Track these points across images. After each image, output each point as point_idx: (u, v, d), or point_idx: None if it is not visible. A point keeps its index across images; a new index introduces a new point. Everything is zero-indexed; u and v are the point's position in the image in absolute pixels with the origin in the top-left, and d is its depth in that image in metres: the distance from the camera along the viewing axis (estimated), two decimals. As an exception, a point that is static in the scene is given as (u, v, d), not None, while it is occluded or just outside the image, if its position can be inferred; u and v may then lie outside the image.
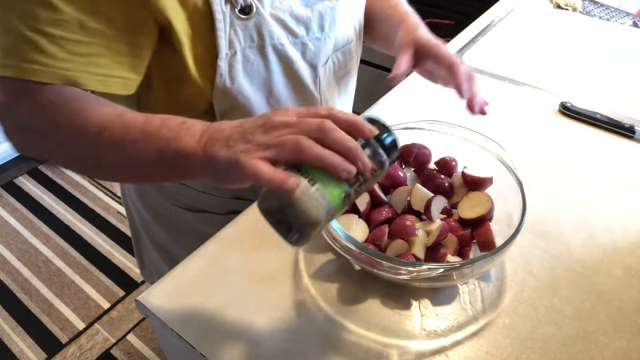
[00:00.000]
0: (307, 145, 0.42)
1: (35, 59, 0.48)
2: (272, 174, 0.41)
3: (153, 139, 0.48)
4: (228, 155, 0.43)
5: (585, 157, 0.82)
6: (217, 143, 0.45)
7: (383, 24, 0.78)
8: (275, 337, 0.55)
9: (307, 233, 0.43)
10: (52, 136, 0.52)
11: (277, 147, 0.42)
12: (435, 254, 0.59)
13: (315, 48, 0.67)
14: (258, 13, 0.59)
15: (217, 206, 0.80)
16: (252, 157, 0.42)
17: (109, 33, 0.51)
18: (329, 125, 0.43)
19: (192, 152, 0.46)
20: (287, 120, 0.44)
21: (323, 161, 0.42)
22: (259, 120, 0.45)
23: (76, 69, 0.50)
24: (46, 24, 0.48)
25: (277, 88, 0.67)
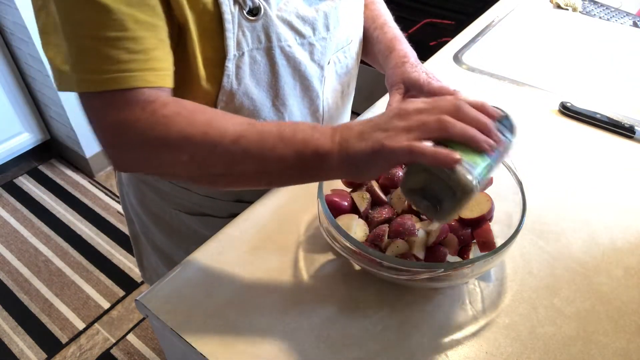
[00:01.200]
0: (451, 121, 0.44)
1: (101, 68, 0.48)
2: (434, 149, 0.43)
3: (290, 142, 0.49)
4: (368, 145, 0.46)
5: (585, 157, 0.82)
6: (350, 139, 0.47)
7: (371, 46, 0.79)
8: (275, 337, 0.56)
9: (462, 203, 0.45)
10: (185, 149, 0.51)
11: (419, 128, 0.45)
12: (435, 254, 0.59)
13: (322, 48, 0.67)
14: (266, 15, 0.59)
15: (218, 209, 0.80)
16: (398, 139, 0.44)
17: (156, 24, 0.51)
18: (463, 104, 0.46)
19: (329, 151, 0.48)
20: (420, 107, 0.46)
21: (468, 135, 0.44)
22: (389, 112, 0.47)
23: (141, 68, 0.50)
24: (101, 29, 0.48)
25: (284, 90, 0.67)
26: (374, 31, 0.78)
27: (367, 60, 0.83)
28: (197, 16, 0.56)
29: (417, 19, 1.78)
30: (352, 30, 0.74)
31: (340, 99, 0.80)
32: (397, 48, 0.73)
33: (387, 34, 0.76)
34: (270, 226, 0.68)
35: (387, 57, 0.73)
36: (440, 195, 0.45)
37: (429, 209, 0.47)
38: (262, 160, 0.50)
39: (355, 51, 0.77)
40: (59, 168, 2.20)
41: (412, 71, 0.69)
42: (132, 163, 0.55)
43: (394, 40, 0.75)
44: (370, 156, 0.46)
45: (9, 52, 1.90)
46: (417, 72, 0.69)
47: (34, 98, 2.04)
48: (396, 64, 0.71)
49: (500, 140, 0.47)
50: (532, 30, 1.18)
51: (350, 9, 0.72)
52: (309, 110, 0.73)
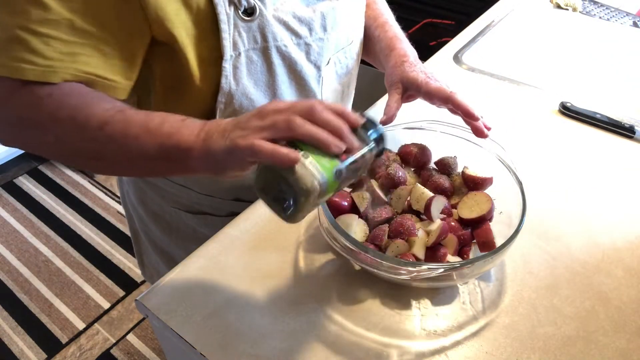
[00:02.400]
0: (299, 122, 0.45)
1: (24, 58, 0.49)
2: (272, 148, 0.43)
3: (154, 134, 0.49)
4: (226, 143, 0.46)
5: (585, 157, 0.82)
6: (214, 135, 0.48)
7: (372, 45, 0.80)
8: (275, 337, 0.55)
9: (302, 204, 0.45)
10: (51, 130, 0.52)
11: (271, 127, 0.45)
12: (435, 254, 0.59)
13: (319, 48, 0.67)
14: (261, 15, 0.59)
15: (217, 208, 0.80)
16: (248, 139, 0.44)
17: (100, 35, 0.52)
18: (317, 107, 0.46)
19: (192, 146, 0.48)
20: (278, 107, 0.47)
21: (314, 136, 0.44)
22: (253, 112, 0.48)
23: (64, 67, 0.50)
24: (37, 23, 0.48)
25: (281, 90, 0.67)
26: (375, 30, 0.78)
27: (368, 60, 0.83)
28: (192, 16, 0.56)
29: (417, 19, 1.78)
30: (352, 31, 0.74)
31: (341, 99, 0.80)
32: (397, 47, 0.74)
33: (388, 32, 0.77)
34: (270, 226, 0.68)
35: (387, 55, 0.74)
36: (286, 195, 0.46)
37: (278, 210, 0.48)
38: (125, 149, 0.51)
39: (356, 52, 0.77)
40: (59, 168, 2.20)
41: (411, 71, 0.69)
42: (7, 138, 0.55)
43: (395, 39, 0.75)
44: (226, 154, 0.46)
45: (9, 52, 1.89)
46: (415, 71, 0.69)
47: (34, 98, 2.04)
48: (395, 63, 0.71)
49: (353, 143, 0.46)
50: (532, 30, 1.18)
51: (351, 10, 0.72)
52: None
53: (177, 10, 0.54)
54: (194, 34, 0.57)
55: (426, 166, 0.69)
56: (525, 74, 1.01)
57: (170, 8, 0.54)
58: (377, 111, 0.90)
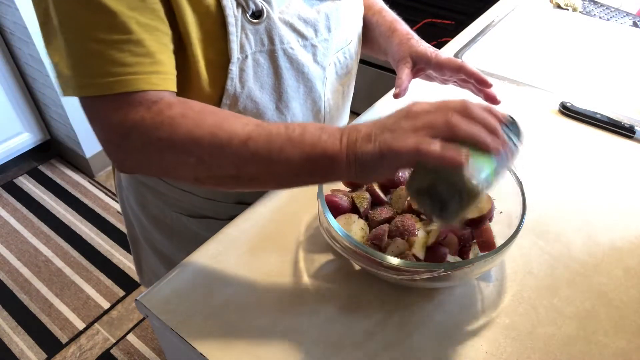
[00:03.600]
0: (459, 121, 0.44)
1: (108, 71, 0.48)
2: (440, 148, 0.42)
3: (298, 144, 0.48)
4: (377, 146, 0.45)
5: (585, 157, 0.82)
6: (358, 141, 0.46)
7: (369, 32, 0.80)
8: (275, 337, 0.55)
9: (468, 205, 0.44)
10: (193, 150, 0.50)
11: (428, 128, 0.44)
12: (435, 254, 0.59)
13: (324, 49, 0.68)
14: (268, 17, 0.59)
15: (219, 212, 0.79)
16: (406, 141, 0.43)
17: (159, 27, 0.51)
18: (471, 104, 0.45)
19: (338, 153, 0.47)
20: (427, 108, 0.46)
21: (475, 135, 0.43)
22: (397, 114, 0.47)
23: (146, 71, 0.49)
24: (106, 31, 0.48)
25: (287, 92, 0.67)
26: (373, 17, 0.79)
27: (365, 49, 0.84)
28: (200, 19, 0.56)
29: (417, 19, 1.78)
30: (351, 30, 0.75)
31: (341, 100, 0.80)
32: (399, 28, 0.75)
33: (386, 17, 0.78)
34: (270, 226, 0.68)
35: (389, 37, 0.75)
36: (446, 197, 0.45)
37: (434, 211, 0.47)
38: (270, 162, 0.49)
39: (355, 51, 0.78)
40: (59, 168, 2.20)
41: (418, 45, 0.71)
42: (137, 164, 0.54)
43: (395, 22, 0.77)
44: (378, 158, 0.45)
45: (9, 52, 1.90)
46: (423, 46, 0.71)
47: (34, 98, 2.04)
48: (401, 41, 0.73)
49: (507, 143, 0.46)
50: (532, 30, 1.18)
51: (350, 10, 0.73)
52: (312, 111, 0.73)
53: (189, 13, 0.54)
54: (202, 37, 0.57)
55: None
56: (525, 74, 1.01)
57: (187, 10, 0.54)
58: (377, 112, 0.90)
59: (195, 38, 0.56)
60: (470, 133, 0.44)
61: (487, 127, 0.45)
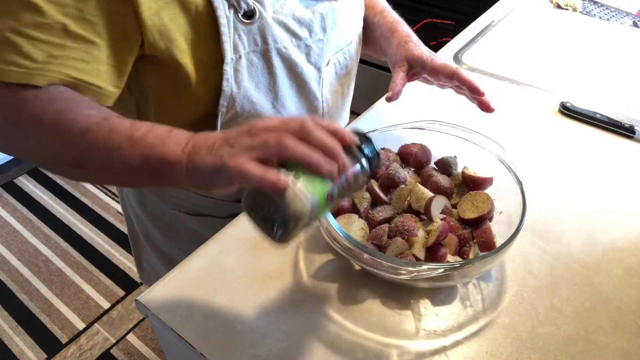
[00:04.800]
0: (290, 142, 0.43)
1: (14, 61, 0.48)
2: (262, 172, 0.42)
3: (138, 145, 0.48)
4: (213, 160, 0.44)
5: (585, 157, 0.82)
6: (201, 150, 0.45)
7: (370, 32, 0.80)
8: (275, 337, 0.55)
9: (291, 228, 0.44)
10: (34, 133, 0.50)
11: (260, 147, 0.43)
12: (435, 254, 0.59)
13: (318, 50, 0.67)
14: (261, 17, 0.59)
15: (217, 209, 0.79)
16: (237, 159, 0.43)
17: (92, 40, 0.51)
18: (310, 125, 0.44)
19: (178, 160, 0.46)
20: (269, 125, 0.45)
21: (306, 157, 0.43)
22: (243, 128, 0.46)
23: (53, 71, 0.49)
24: (29, 27, 0.48)
25: (282, 92, 0.67)
26: (374, 17, 0.79)
27: (365, 50, 0.84)
28: (190, 20, 0.55)
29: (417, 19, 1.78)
30: (351, 31, 0.75)
31: (340, 100, 0.80)
32: (399, 29, 0.75)
33: (387, 17, 0.78)
34: (270, 226, 0.68)
35: (389, 38, 0.75)
36: (274, 217, 0.44)
37: (267, 231, 0.46)
38: (107, 158, 0.49)
39: (355, 51, 0.78)
40: (59, 168, 2.20)
41: (415, 49, 0.70)
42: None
43: (395, 23, 0.76)
44: (214, 171, 0.44)
45: (9, 52, 1.90)
46: (420, 49, 0.70)
47: (34, 98, 2.04)
48: (399, 43, 0.72)
49: (346, 164, 0.45)
50: (532, 30, 1.18)
51: (349, 10, 0.73)
52: (308, 111, 0.73)
53: (174, 15, 0.54)
54: (192, 38, 0.57)
55: (426, 166, 0.69)
56: (525, 74, 1.01)
57: (165, 13, 0.53)
58: (376, 113, 0.90)
59: (182, 39, 0.56)
60: (301, 155, 0.43)
61: (324, 150, 0.44)
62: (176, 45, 0.56)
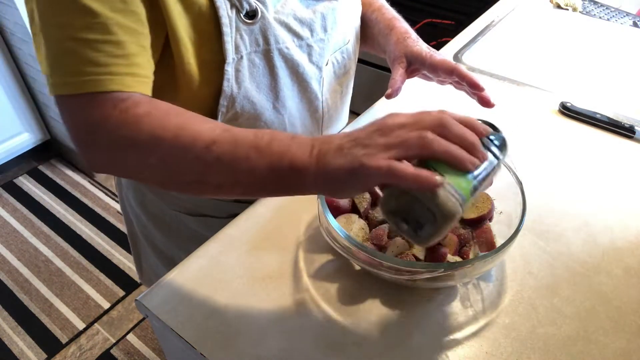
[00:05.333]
0: (432, 139, 0.41)
1: (81, 70, 0.47)
2: (414, 172, 0.40)
3: (265, 153, 0.46)
4: (347, 161, 0.43)
5: (585, 157, 0.82)
6: (328, 153, 0.44)
7: (369, 29, 0.80)
8: (275, 337, 0.55)
9: (443, 228, 0.42)
10: (155, 151, 0.48)
11: (400, 145, 0.42)
12: (435, 254, 0.59)
13: (320, 49, 0.68)
14: (263, 17, 0.59)
15: (218, 210, 0.79)
16: (378, 159, 0.41)
17: (140, 30, 0.51)
18: (448, 119, 0.43)
19: (306, 165, 0.45)
20: (403, 121, 0.43)
21: (451, 154, 0.41)
22: (371, 127, 0.44)
23: (120, 72, 0.49)
24: (84, 31, 0.47)
25: (284, 92, 0.67)
26: (372, 14, 0.79)
27: (364, 47, 0.84)
28: (193, 19, 0.55)
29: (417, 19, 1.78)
30: (349, 29, 0.75)
31: (339, 99, 0.80)
32: (397, 26, 0.75)
33: (386, 14, 0.78)
34: (270, 226, 0.68)
35: (387, 35, 0.74)
36: (421, 218, 0.43)
37: (409, 232, 0.44)
38: (234, 169, 0.47)
39: (353, 50, 0.78)
40: (59, 168, 2.20)
41: (414, 45, 0.70)
42: (103, 163, 0.53)
43: (393, 20, 0.76)
44: (349, 174, 0.43)
45: (9, 52, 1.90)
46: (419, 46, 0.70)
47: (34, 98, 2.04)
48: (398, 40, 0.72)
49: (487, 158, 0.44)
50: (532, 30, 1.18)
51: (348, 10, 0.73)
52: (308, 111, 0.73)
53: (179, 14, 0.54)
54: (195, 38, 0.57)
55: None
56: (525, 74, 1.01)
57: (176, 11, 0.54)
58: (376, 112, 0.90)
59: (187, 39, 0.56)
60: (446, 152, 0.41)
61: (465, 144, 0.43)
62: (182, 44, 0.56)
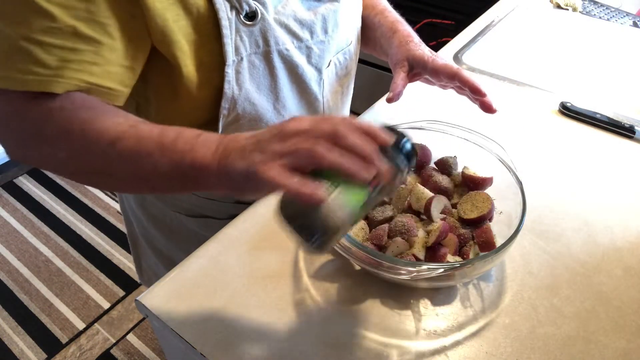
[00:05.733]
0: (323, 150, 0.41)
1: (27, 69, 0.47)
2: (297, 184, 0.40)
3: (168, 151, 0.47)
4: (244, 166, 0.43)
5: (585, 157, 0.82)
6: (231, 154, 0.44)
7: (371, 32, 0.80)
8: (275, 337, 0.55)
9: (330, 238, 0.43)
10: (63, 146, 0.50)
11: (292, 154, 0.41)
12: (435, 254, 0.59)
13: (320, 51, 0.67)
14: (263, 19, 0.59)
15: (218, 211, 0.79)
16: (269, 167, 0.41)
17: (103, 41, 0.50)
18: (343, 130, 0.42)
19: (208, 165, 0.45)
20: (301, 128, 0.43)
21: (341, 166, 0.41)
22: (273, 130, 0.44)
23: (69, 76, 0.49)
24: (40, 32, 0.47)
25: (284, 93, 0.67)
26: (375, 17, 0.79)
27: (366, 49, 0.84)
28: (192, 21, 0.55)
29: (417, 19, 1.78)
30: (351, 31, 0.75)
31: (340, 100, 0.80)
32: (400, 29, 0.75)
33: (388, 17, 0.78)
34: (270, 226, 0.68)
35: (390, 38, 0.74)
36: (311, 226, 0.42)
37: (301, 240, 0.44)
38: (138, 166, 0.48)
39: (354, 51, 0.78)
40: (59, 168, 2.20)
41: (417, 49, 0.70)
42: (20, 153, 0.54)
43: (396, 23, 0.76)
44: (245, 179, 0.43)
45: (9, 52, 1.90)
46: (421, 50, 0.70)
47: (34, 98, 2.04)
48: (400, 43, 0.72)
49: (384, 169, 0.42)
50: (532, 30, 1.18)
51: (349, 12, 0.73)
52: (308, 112, 0.73)
53: (177, 17, 0.54)
54: (194, 40, 0.56)
55: (426, 166, 0.69)
56: (525, 74, 1.01)
57: (170, 15, 0.53)
58: (376, 113, 0.90)
59: (185, 41, 0.56)
60: (335, 164, 0.40)
61: (359, 154, 0.41)
62: (178, 48, 0.55)
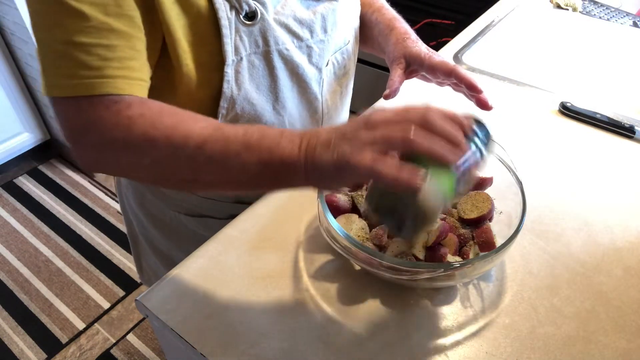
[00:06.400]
0: (417, 136, 0.41)
1: (74, 73, 0.48)
2: (395, 173, 0.40)
3: (255, 150, 0.47)
4: (334, 157, 0.43)
5: (585, 157, 0.82)
6: (317, 148, 0.44)
7: (369, 30, 0.80)
8: (275, 337, 0.55)
9: (424, 224, 0.42)
10: (147, 152, 0.49)
11: (385, 141, 0.42)
12: (435, 254, 0.59)
13: (319, 50, 0.67)
14: (263, 19, 0.59)
15: (218, 211, 0.79)
16: (364, 156, 0.41)
17: (134, 34, 0.51)
18: (432, 115, 0.42)
19: (296, 160, 0.45)
20: (388, 117, 0.43)
21: (435, 150, 0.41)
22: (357, 121, 0.44)
23: (113, 75, 0.49)
24: (76, 34, 0.47)
25: (283, 93, 0.67)
26: (372, 15, 0.79)
27: (364, 47, 0.84)
28: (192, 21, 0.55)
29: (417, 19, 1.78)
30: (349, 30, 0.75)
31: (339, 100, 0.80)
32: (397, 26, 0.75)
33: (386, 15, 0.78)
34: (270, 226, 0.68)
35: (387, 35, 0.74)
36: (403, 216, 0.43)
37: (392, 229, 0.44)
38: (226, 167, 0.48)
39: (352, 51, 0.78)
40: (59, 168, 2.20)
41: (413, 46, 0.70)
42: (95, 163, 0.54)
43: (394, 20, 0.76)
44: (335, 169, 0.43)
45: (9, 52, 1.90)
46: (418, 47, 0.70)
47: (34, 98, 2.04)
48: (397, 40, 0.72)
49: (470, 154, 0.43)
50: (532, 30, 1.18)
51: (347, 11, 0.73)
52: (308, 112, 0.73)
53: (178, 15, 0.54)
54: (194, 39, 0.57)
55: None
56: (525, 74, 1.01)
57: (172, 12, 0.54)
58: (377, 111, 0.90)
59: (185, 40, 0.56)
60: (429, 149, 0.41)
61: (449, 139, 0.42)
62: (179, 46, 0.56)
